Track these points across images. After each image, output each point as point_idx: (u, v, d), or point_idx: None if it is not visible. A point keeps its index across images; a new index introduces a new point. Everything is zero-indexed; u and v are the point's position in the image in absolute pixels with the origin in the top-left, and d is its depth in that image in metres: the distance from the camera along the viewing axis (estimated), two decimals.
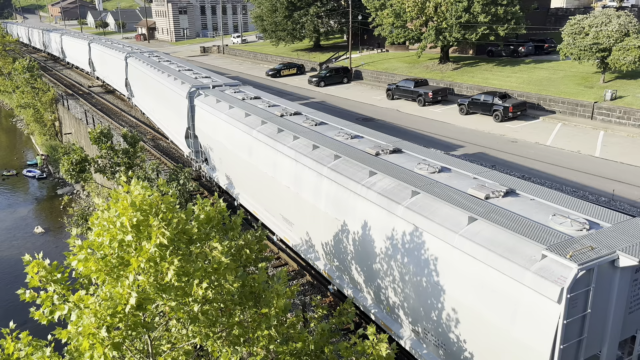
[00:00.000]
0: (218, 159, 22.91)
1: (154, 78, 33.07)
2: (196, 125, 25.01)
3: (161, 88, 31.22)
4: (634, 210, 20.85)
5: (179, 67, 33.75)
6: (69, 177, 22.05)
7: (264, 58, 74.24)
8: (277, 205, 17.88)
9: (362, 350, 9.07)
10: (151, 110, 36.34)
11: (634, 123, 32.55)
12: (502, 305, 9.39)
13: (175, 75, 29.41)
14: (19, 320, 8.27)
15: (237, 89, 25.13)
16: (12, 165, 49.01)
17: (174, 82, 28.63)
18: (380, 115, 39.22)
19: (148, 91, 35.89)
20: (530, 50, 51.23)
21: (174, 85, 28.15)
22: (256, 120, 19.24)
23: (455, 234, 10.47)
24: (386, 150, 15.01)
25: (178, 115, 27.65)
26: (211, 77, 29.11)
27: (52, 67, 75.55)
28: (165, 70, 32.24)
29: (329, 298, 16.95)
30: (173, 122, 29.54)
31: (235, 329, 8.88)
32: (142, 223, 7.49)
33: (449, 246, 10.56)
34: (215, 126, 22.38)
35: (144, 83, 36.65)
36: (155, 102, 34.23)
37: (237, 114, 20.74)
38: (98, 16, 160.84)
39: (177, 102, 27.37)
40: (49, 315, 7.63)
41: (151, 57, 40.34)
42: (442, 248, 10.71)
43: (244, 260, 10.55)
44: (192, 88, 25.39)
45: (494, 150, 29.58)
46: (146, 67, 36.09)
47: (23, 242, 33.55)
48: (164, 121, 32.56)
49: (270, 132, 18.02)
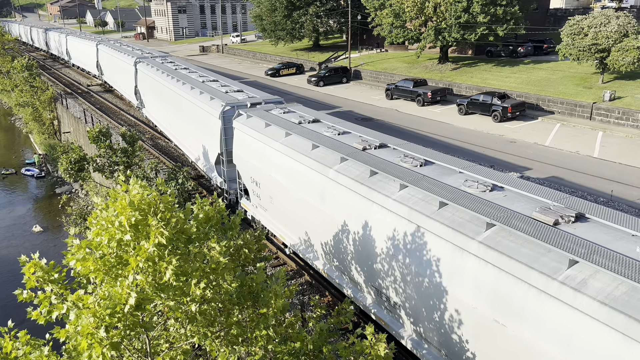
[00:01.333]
0: (267, 197, 18.38)
1: (172, 89, 28.99)
2: (234, 151, 20.37)
3: (182, 102, 27.24)
4: (633, 211, 20.88)
5: (201, 76, 29.77)
6: (67, 176, 22.02)
7: (263, 57, 74.21)
8: (374, 277, 13.19)
9: (361, 350, 9.07)
10: (167, 125, 32.17)
11: (633, 124, 32.58)
12: None
13: (201, 89, 25.35)
14: (17, 319, 8.25)
15: (286, 108, 20.49)
16: (10, 164, 48.93)
17: (200, 96, 24.72)
18: (379, 115, 39.23)
19: (163, 103, 31.78)
20: (529, 50, 51.27)
21: (201, 101, 24.26)
22: (331, 156, 14.93)
23: None
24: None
25: (206, 136, 23.75)
26: (244, 90, 25.23)
27: (51, 65, 75.43)
28: (187, 80, 28.10)
29: (328, 298, 16.96)
30: (197, 142, 25.59)
31: (234, 329, 8.88)
32: (141, 222, 7.48)
33: None
34: (263, 156, 18.00)
35: (158, 93, 32.66)
36: (172, 116, 30.10)
37: (298, 144, 16.33)
38: (97, 15, 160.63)
39: (205, 121, 23.45)
40: (46, 315, 7.62)
41: (165, 63, 36.44)
42: None
43: (243, 260, 10.55)
44: (227, 107, 21.63)
45: (492, 151, 29.60)
46: (160, 75, 32.16)
47: (21, 240, 33.50)
48: (185, 139, 28.22)
49: (357, 175, 13.74)
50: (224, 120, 21.38)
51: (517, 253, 9.38)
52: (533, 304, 8.77)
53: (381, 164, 13.78)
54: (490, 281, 9.60)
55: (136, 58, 38.84)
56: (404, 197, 12.29)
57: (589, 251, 8.62)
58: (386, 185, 12.96)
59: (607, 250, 8.62)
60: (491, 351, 9.76)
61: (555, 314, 8.41)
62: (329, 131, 16.85)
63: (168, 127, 31.84)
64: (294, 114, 19.63)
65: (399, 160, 14.02)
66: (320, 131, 17.01)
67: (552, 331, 8.41)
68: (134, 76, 38.76)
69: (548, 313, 8.50)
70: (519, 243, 9.56)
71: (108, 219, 7.54)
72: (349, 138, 16.27)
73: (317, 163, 15.14)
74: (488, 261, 9.69)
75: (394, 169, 13.34)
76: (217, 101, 22.59)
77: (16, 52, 76.74)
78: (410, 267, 11.54)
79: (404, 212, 11.95)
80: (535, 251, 9.24)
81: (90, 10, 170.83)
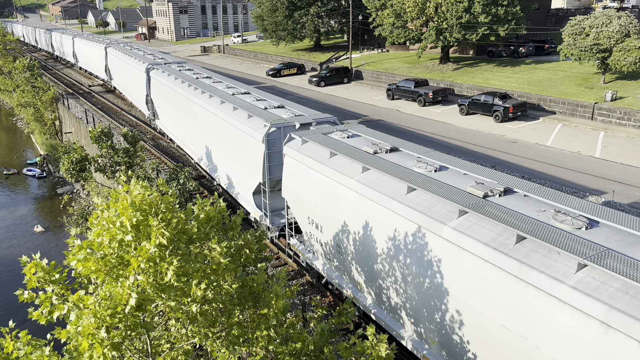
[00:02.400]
0: (333, 246, 14.81)
1: (196, 102, 25.30)
2: (285, 183, 16.89)
3: (209, 118, 23.58)
4: (634, 211, 20.84)
5: (229, 87, 26.15)
6: (69, 176, 22.06)
7: (265, 58, 74.24)
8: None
9: (362, 351, 9.06)
10: (187, 142, 28.14)
11: (634, 124, 32.53)
12: None
13: (234, 103, 21.88)
14: (18, 319, 8.27)
15: (347, 131, 16.78)
16: (12, 164, 49.00)
17: (233, 113, 21.22)
18: (381, 115, 39.22)
19: (184, 117, 28.04)
20: (530, 50, 51.22)
21: (236, 119, 20.69)
22: (440, 205, 11.37)
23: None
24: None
25: (242, 160, 20.28)
26: (285, 106, 21.30)
27: (52, 66, 75.52)
28: (214, 92, 24.51)
29: (329, 298, 16.95)
30: (229, 165, 22.01)
31: (235, 329, 8.87)
32: (142, 223, 7.48)
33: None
34: (331, 194, 14.49)
35: (177, 105, 28.88)
36: (195, 132, 26.29)
37: (383, 184, 12.83)
38: (98, 15, 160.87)
39: (242, 143, 19.97)
40: (47, 315, 7.63)
41: (183, 70, 32.83)
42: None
43: (244, 260, 10.55)
44: (272, 128, 18.10)
45: (494, 151, 29.57)
46: (180, 84, 28.36)
47: (23, 241, 33.54)
48: (212, 160, 24.28)
49: (492, 239, 10.03)
50: (268, 144, 18.03)
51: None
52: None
53: (530, 224, 9.82)
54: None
55: (148, 64, 35.40)
56: (588, 283, 8.42)
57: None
58: (551, 263, 8.98)
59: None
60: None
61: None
62: (419, 166, 13.19)
63: (189, 144, 27.81)
64: (361, 138, 16.16)
65: (548, 216, 10.22)
66: (406, 165, 13.49)
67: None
68: (146, 84, 35.30)
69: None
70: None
71: (109, 220, 7.54)
72: (453, 177, 12.44)
73: (421, 215, 11.36)
74: None
75: (560, 238, 9.26)
76: (258, 120, 19.07)
77: (18, 53, 76.81)
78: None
79: (597, 311, 8.08)
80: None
81: (92, 10, 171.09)
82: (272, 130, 18.08)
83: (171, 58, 39.62)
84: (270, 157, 18.17)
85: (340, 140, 15.98)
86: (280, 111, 20.44)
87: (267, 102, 22.09)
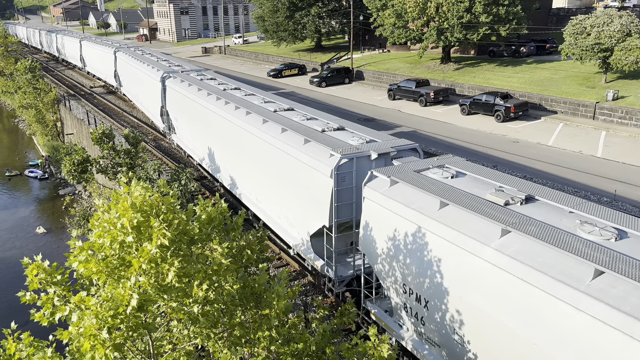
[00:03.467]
0: (447, 328, 11.03)
1: (230, 120, 21.37)
2: (367, 234, 13.37)
3: (250, 140, 19.52)
4: (636, 210, 20.81)
5: (267, 102, 22.19)
6: (70, 177, 22.11)
7: (266, 58, 74.28)
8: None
9: (364, 351, 9.06)
10: (215, 165, 23.68)
11: (636, 123, 32.48)
12: None
13: (282, 124, 18.06)
14: (21, 321, 8.27)
15: (444, 166, 13.65)
16: (14, 166, 49.11)
17: (282, 135, 17.54)
18: (382, 115, 39.21)
19: (211, 135, 23.87)
20: (532, 50, 51.16)
21: (289, 144, 16.96)
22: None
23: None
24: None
25: (299, 195, 16.46)
26: (347, 128, 17.65)
27: (54, 67, 75.64)
28: (252, 109, 20.62)
29: (331, 299, 16.93)
30: (279, 198, 18.10)
31: (237, 330, 8.87)
32: (143, 224, 7.48)
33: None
34: (444, 259, 10.87)
35: (201, 121, 25.09)
36: (227, 153, 22.20)
37: (536, 256, 9.29)
38: (100, 17, 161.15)
39: (297, 173, 16.59)
40: (49, 316, 7.63)
41: (205, 80, 28.77)
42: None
43: (246, 261, 10.55)
44: (343, 159, 14.46)
45: (495, 151, 29.54)
46: (206, 97, 24.48)
47: (25, 242, 33.60)
48: (254, 190, 20.14)
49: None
50: (338, 180, 14.45)
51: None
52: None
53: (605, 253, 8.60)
54: None
55: (164, 72, 31.50)
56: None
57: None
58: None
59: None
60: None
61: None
62: (583, 229, 9.60)
63: (216, 166, 23.54)
64: (468, 178, 12.74)
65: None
66: (558, 223, 10.05)
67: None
68: (161, 94, 31.39)
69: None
70: None
71: (110, 221, 7.55)
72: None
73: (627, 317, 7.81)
74: None
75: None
76: (319, 147, 15.52)
77: (19, 54, 76.96)
78: None
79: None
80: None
81: (93, 12, 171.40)
82: (343, 162, 14.38)
83: (188, 65, 35.80)
84: (338, 195, 14.54)
85: (444, 181, 12.52)
86: (343, 135, 16.63)
87: (321, 122, 18.32)
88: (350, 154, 14.60)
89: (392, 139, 16.24)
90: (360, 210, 13.97)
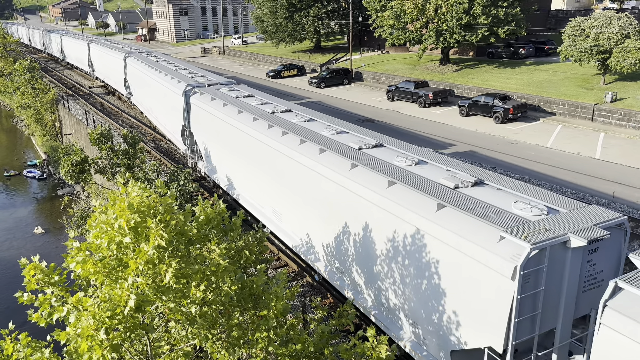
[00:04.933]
0: None
1: (295, 158, 16.17)
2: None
3: (318, 183, 14.99)
4: (634, 212, 20.84)
5: (327, 125, 17.81)
6: (69, 178, 22.05)
7: (265, 59, 74.30)
8: None
9: (362, 352, 9.05)
10: (266, 205, 18.79)
11: (635, 125, 32.53)
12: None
13: (360, 162, 13.84)
14: (18, 321, 8.24)
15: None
16: (12, 166, 49.04)
17: (351, 173, 13.76)
18: (381, 116, 39.23)
19: (262, 173, 18.67)
20: (530, 52, 51.25)
21: (361, 184, 13.21)
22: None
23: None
24: None
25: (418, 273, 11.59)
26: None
27: (52, 67, 75.57)
28: (314, 139, 16.02)
29: (329, 299, 16.93)
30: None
31: (235, 331, 8.86)
32: (140, 225, 7.47)
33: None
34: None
35: (244, 152, 19.98)
36: (281, 194, 17.48)
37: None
38: (99, 17, 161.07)
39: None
40: (47, 317, 7.62)
41: (241, 97, 23.57)
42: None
43: (244, 262, 10.54)
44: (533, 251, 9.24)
45: (494, 152, 29.57)
46: (250, 124, 19.40)
47: (23, 242, 33.53)
48: (308, 232, 16.13)
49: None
50: (521, 282, 9.55)
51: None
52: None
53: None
54: None
55: (187, 85, 26.27)
56: None
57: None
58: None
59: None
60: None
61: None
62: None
63: (268, 206, 18.69)
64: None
65: None
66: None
67: None
68: (184, 111, 26.29)
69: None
70: None
71: (107, 222, 7.54)
72: None
73: None
74: None
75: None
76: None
77: (18, 54, 76.85)
78: None
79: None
80: None
81: (92, 12, 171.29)
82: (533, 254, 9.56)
83: (214, 76, 29.69)
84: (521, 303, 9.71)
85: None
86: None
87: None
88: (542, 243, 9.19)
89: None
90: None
